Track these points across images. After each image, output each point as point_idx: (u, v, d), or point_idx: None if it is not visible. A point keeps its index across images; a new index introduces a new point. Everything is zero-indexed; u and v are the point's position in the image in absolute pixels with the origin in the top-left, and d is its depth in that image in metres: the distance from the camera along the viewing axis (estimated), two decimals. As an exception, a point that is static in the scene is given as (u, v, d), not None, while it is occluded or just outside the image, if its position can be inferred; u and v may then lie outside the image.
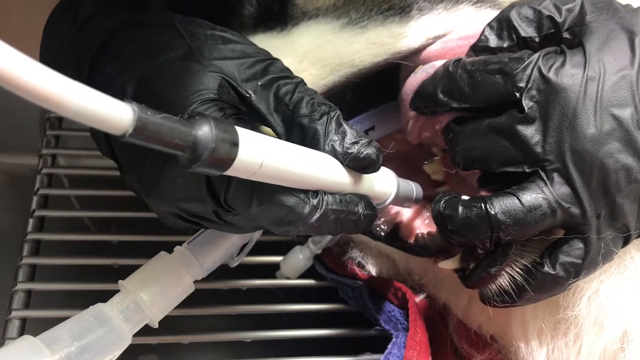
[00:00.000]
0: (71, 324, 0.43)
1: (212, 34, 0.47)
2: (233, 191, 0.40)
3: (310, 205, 0.42)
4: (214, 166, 0.33)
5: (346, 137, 0.44)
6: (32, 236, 0.70)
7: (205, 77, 0.44)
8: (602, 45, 0.45)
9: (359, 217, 0.45)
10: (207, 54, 0.45)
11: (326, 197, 0.43)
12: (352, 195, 0.46)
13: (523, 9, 0.49)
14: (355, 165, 0.44)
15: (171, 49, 0.46)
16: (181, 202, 0.43)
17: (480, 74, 0.47)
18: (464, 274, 0.50)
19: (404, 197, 0.52)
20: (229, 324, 0.69)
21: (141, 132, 0.28)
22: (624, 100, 0.43)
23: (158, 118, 0.29)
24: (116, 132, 0.27)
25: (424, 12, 0.55)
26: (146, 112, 0.28)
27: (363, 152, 0.44)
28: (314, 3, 0.57)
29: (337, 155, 0.44)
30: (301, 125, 0.44)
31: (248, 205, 0.40)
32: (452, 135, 0.50)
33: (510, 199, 0.44)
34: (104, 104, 0.26)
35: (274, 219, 0.42)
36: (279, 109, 0.45)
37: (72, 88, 0.25)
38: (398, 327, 0.63)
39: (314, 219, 0.42)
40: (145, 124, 0.28)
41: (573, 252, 0.45)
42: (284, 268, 0.69)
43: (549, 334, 0.53)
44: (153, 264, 0.48)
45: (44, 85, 0.24)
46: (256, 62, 0.46)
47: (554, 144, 0.44)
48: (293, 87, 0.45)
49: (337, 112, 0.45)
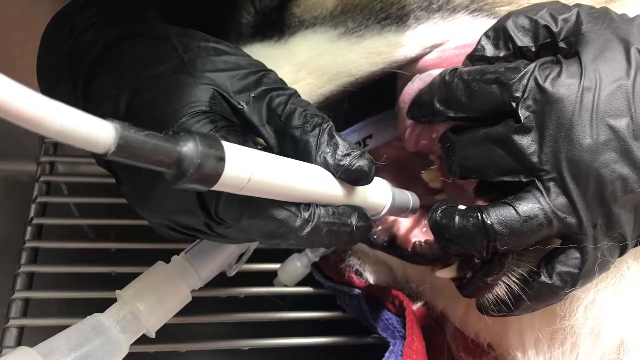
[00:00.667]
0: (68, 335, 0.43)
1: (205, 46, 0.47)
2: (223, 204, 0.40)
3: (301, 218, 0.42)
4: (200, 182, 0.33)
5: (338, 149, 0.44)
6: (30, 244, 0.70)
7: (197, 90, 0.44)
8: (598, 55, 0.45)
9: (353, 229, 0.45)
10: (199, 66, 0.45)
11: (318, 209, 0.43)
12: (345, 207, 0.45)
13: (519, 19, 0.49)
14: (347, 177, 0.44)
15: (164, 61, 0.46)
16: (173, 214, 0.43)
17: (477, 84, 0.47)
18: (460, 283, 0.50)
19: (400, 208, 0.52)
20: (227, 331, 0.69)
21: (124, 150, 0.28)
22: (620, 110, 0.43)
23: (141, 135, 0.29)
24: (99, 150, 0.27)
25: (421, 21, 0.55)
26: (129, 130, 0.28)
27: (355, 164, 0.44)
28: (311, 12, 0.57)
29: (329, 168, 0.44)
30: (293, 136, 0.44)
31: (238, 219, 0.40)
32: (449, 144, 0.50)
33: (506, 209, 0.44)
34: (85, 124, 0.26)
35: (265, 232, 0.42)
36: (272, 121, 0.45)
37: (53, 109, 0.25)
38: (395, 335, 0.63)
39: (306, 232, 0.42)
40: (128, 142, 0.28)
41: (570, 262, 0.45)
42: (281, 276, 0.69)
43: (545, 344, 0.53)
44: (150, 274, 0.48)
45: (25, 107, 0.24)
46: (249, 73, 0.46)
47: (550, 154, 0.44)
48: (286, 98, 0.45)
49: (329, 123, 0.45)
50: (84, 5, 0.50)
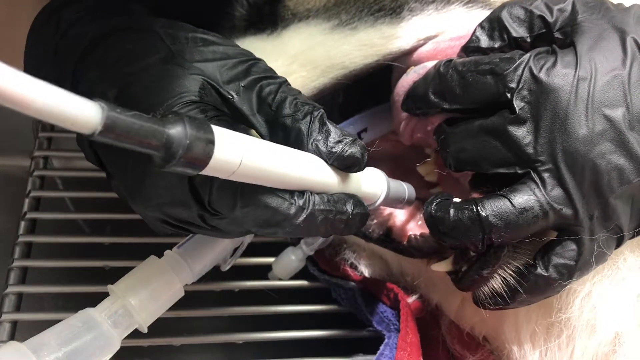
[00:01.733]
0: (59, 329, 0.42)
1: (193, 37, 0.47)
2: (216, 193, 0.39)
3: (296, 205, 0.41)
4: (189, 165, 0.32)
5: (330, 136, 0.43)
6: (24, 238, 0.70)
7: (187, 80, 0.43)
8: (593, 45, 0.44)
9: (349, 216, 0.45)
10: (188, 57, 0.45)
11: (313, 197, 0.42)
12: (340, 195, 0.45)
13: (514, 9, 0.49)
14: (339, 164, 0.44)
15: (152, 53, 0.45)
16: (166, 207, 0.43)
17: (471, 75, 0.47)
18: (456, 276, 0.50)
19: (395, 199, 0.52)
20: (222, 325, 0.69)
21: (111, 131, 0.28)
22: (616, 100, 0.43)
23: (128, 116, 0.28)
24: (85, 130, 0.27)
25: (415, 13, 0.54)
26: (115, 110, 0.28)
27: (347, 150, 0.43)
28: (304, 4, 0.56)
29: (322, 155, 0.43)
30: (284, 125, 0.44)
31: (232, 208, 0.40)
32: (444, 136, 0.49)
33: (501, 201, 0.43)
34: (71, 103, 0.26)
35: (259, 221, 0.41)
36: (262, 110, 0.44)
37: (37, 87, 0.25)
38: (390, 327, 0.63)
39: (301, 219, 0.42)
40: (115, 122, 0.28)
41: (566, 254, 0.45)
42: (276, 269, 0.69)
43: (541, 337, 0.53)
44: (142, 269, 0.47)
45: (8, 84, 0.24)
46: (238, 63, 0.46)
47: (545, 145, 0.43)
48: (276, 87, 0.45)
49: (320, 111, 0.44)
50: (70, 1, 0.50)
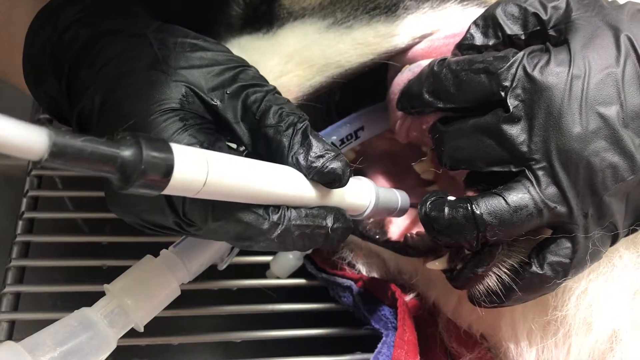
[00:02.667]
0: (54, 329, 0.43)
1: (181, 42, 0.46)
2: (189, 205, 0.39)
3: (269, 221, 0.41)
4: (148, 187, 0.32)
5: (311, 150, 0.43)
6: (21, 238, 0.70)
7: (168, 87, 0.43)
8: (587, 43, 0.44)
9: (328, 231, 0.44)
10: (172, 63, 0.45)
11: (289, 212, 0.42)
12: (320, 209, 0.44)
13: (509, 7, 0.48)
14: (320, 179, 0.43)
15: (139, 58, 0.45)
16: (143, 214, 0.43)
17: (465, 74, 0.47)
18: (451, 274, 0.50)
19: (386, 208, 0.51)
20: (219, 324, 0.69)
21: (59, 157, 0.27)
22: (610, 98, 0.43)
23: (78, 141, 0.28)
24: (32, 157, 0.27)
25: (410, 11, 0.54)
26: (63, 136, 0.27)
27: (328, 166, 0.43)
28: (300, 3, 0.56)
29: (301, 169, 0.43)
30: (266, 136, 0.43)
31: (204, 220, 0.40)
32: (438, 135, 0.49)
33: (496, 199, 0.43)
34: (17, 131, 0.26)
35: (232, 235, 0.41)
36: (246, 118, 0.44)
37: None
38: (388, 326, 0.63)
39: (275, 234, 0.41)
40: (63, 148, 0.27)
41: (561, 252, 0.45)
42: (274, 267, 0.69)
43: (538, 335, 0.53)
44: (138, 268, 0.48)
45: None
46: (226, 69, 0.45)
47: (539, 143, 0.43)
48: (262, 95, 0.44)
49: (305, 123, 0.44)
50: (68, 2, 0.50)
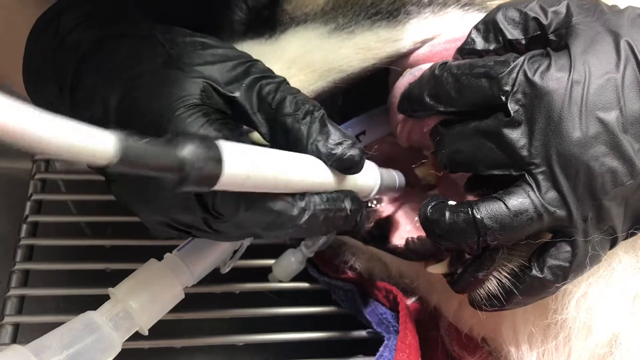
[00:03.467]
0: (60, 332, 0.43)
1: (191, 41, 0.47)
2: (220, 198, 0.40)
3: (298, 207, 0.42)
4: (200, 185, 0.33)
5: (330, 138, 0.44)
6: (25, 241, 0.70)
7: (187, 83, 0.44)
8: (587, 48, 0.45)
9: (347, 212, 0.46)
10: (187, 60, 0.45)
11: (313, 198, 0.43)
12: (338, 193, 0.46)
13: (509, 11, 0.49)
14: (338, 166, 0.45)
15: (151, 58, 0.46)
16: (171, 210, 0.43)
17: (466, 78, 0.47)
18: (452, 278, 0.50)
19: (388, 187, 0.53)
20: (222, 327, 0.69)
21: (126, 161, 0.28)
22: (610, 103, 0.43)
23: (142, 144, 0.29)
24: (101, 162, 0.27)
25: (412, 16, 0.55)
26: (129, 140, 0.28)
27: (347, 153, 0.44)
28: (302, 8, 0.57)
29: (321, 156, 0.44)
30: (285, 125, 0.44)
31: (235, 211, 0.40)
32: (439, 137, 0.50)
33: (496, 203, 0.44)
34: (85, 138, 0.26)
35: (262, 224, 0.42)
36: (262, 109, 0.45)
37: (52, 126, 0.25)
38: (390, 329, 0.63)
39: (303, 220, 0.43)
40: (130, 152, 0.28)
41: (560, 255, 0.45)
42: (276, 271, 0.69)
43: (539, 338, 0.53)
44: (143, 272, 0.48)
45: (25, 127, 0.23)
46: (238, 64, 0.46)
47: (540, 148, 0.44)
48: (275, 86, 0.46)
49: (321, 111, 0.45)
50: (69, 7, 0.50)
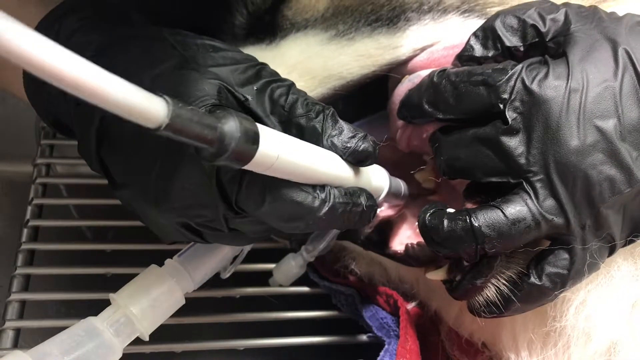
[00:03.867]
0: (61, 339, 0.43)
1: (202, 43, 0.48)
2: (245, 191, 0.41)
3: (319, 199, 0.43)
4: (235, 160, 0.33)
5: (343, 132, 0.45)
6: (26, 246, 0.71)
7: (205, 84, 0.44)
8: (585, 56, 0.45)
9: (363, 208, 0.47)
10: (202, 62, 0.46)
11: (333, 190, 0.44)
12: (355, 188, 0.47)
13: (508, 18, 0.49)
14: (354, 159, 0.46)
15: (165, 59, 0.46)
16: (190, 209, 0.44)
17: (464, 85, 0.47)
18: (450, 285, 0.50)
19: (395, 193, 0.54)
20: (223, 332, 0.69)
21: (173, 126, 0.28)
22: (607, 111, 0.43)
23: (190, 113, 0.29)
24: (151, 125, 0.28)
25: (412, 23, 0.55)
26: (178, 106, 0.28)
27: (361, 145, 0.46)
28: (302, 14, 0.57)
29: (337, 150, 0.45)
30: (299, 124, 0.45)
31: (260, 204, 0.41)
32: (438, 144, 0.50)
33: (494, 212, 0.44)
34: (141, 97, 0.27)
35: (285, 216, 0.43)
36: (275, 111, 0.46)
37: (111, 81, 0.26)
38: (390, 334, 0.64)
39: (324, 212, 0.43)
40: (178, 117, 0.28)
41: (559, 263, 0.45)
42: (276, 275, 0.70)
43: (538, 345, 0.53)
44: (143, 277, 0.48)
45: (85, 78, 0.24)
46: (248, 67, 0.47)
47: (537, 156, 0.44)
48: (286, 89, 0.46)
49: (331, 109, 0.46)
50: (70, 11, 0.50)
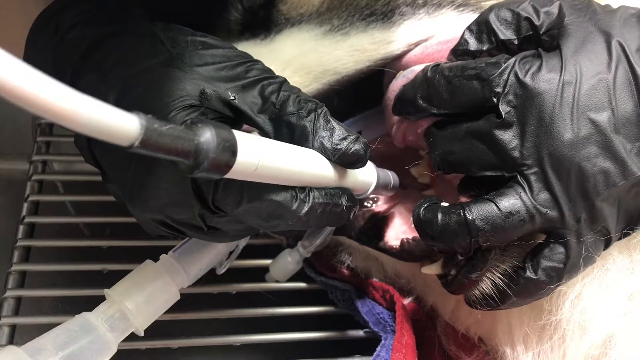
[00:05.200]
0: (56, 334, 0.43)
1: (192, 40, 0.47)
2: (222, 191, 0.40)
3: (298, 199, 0.43)
4: (214, 171, 0.33)
5: (334, 134, 0.45)
6: (22, 242, 0.71)
7: (187, 83, 0.44)
8: (578, 49, 0.45)
9: (343, 209, 0.46)
10: (188, 60, 0.46)
11: (313, 191, 0.44)
12: (336, 189, 0.46)
13: (502, 12, 0.49)
14: (343, 162, 0.45)
15: (152, 56, 0.46)
16: (167, 208, 0.44)
17: (458, 80, 0.47)
18: (446, 280, 0.50)
19: (383, 186, 0.53)
20: (219, 327, 0.69)
21: (147, 144, 0.28)
22: (601, 104, 0.43)
23: (163, 128, 0.29)
24: (123, 143, 0.28)
25: (406, 17, 0.55)
26: (152, 124, 0.29)
27: (352, 148, 0.45)
28: (297, 9, 0.57)
29: (326, 151, 0.44)
30: (289, 123, 0.45)
31: (237, 204, 0.41)
32: (432, 139, 0.50)
33: (488, 205, 0.44)
34: (112, 117, 0.27)
35: (263, 215, 0.42)
36: (266, 108, 0.45)
37: (80, 101, 0.26)
38: (387, 329, 0.64)
39: (303, 212, 0.43)
40: (151, 133, 0.28)
41: (554, 257, 0.45)
42: (273, 271, 0.70)
43: (534, 339, 0.53)
44: (138, 273, 0.48)
45: (53, 100, 0.24)
46: (237, 64, 0.47)
47: (531, 149, 0.44)
48: (278, 86, 0.46)
49: (324, 108, 0.46)
50: (69, 5, 0.51)
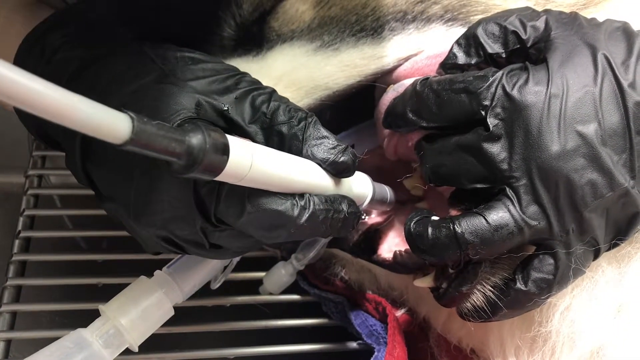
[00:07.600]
0: (50, 351, 0.43)
1: (181, 56, 0.48)
2: (224, 202, 0.41)
3: (298, 206, 0.43)
4: (206, 171, 0.34)
5: (325, 142, 0.46)
6: (18, 257, 0.71)
7: (182, 97, 0.44)
8: (565, 62, 0.45)
9: (345, 214, 0.47)
10: (180, 75, 0.46)
11: (312, 197, 0.44)
12: (336, 195, 0.47)
13: (489, 25, 0.49)
14: (333, 169, 0.46)
15: (145, 74, 0.46)
16: (169, 223, 0.44)
17: (446, 93, 0.48)
18: (437, 293, 0.50)
19: (380, 200, 0.54)
20: (213, 340, 0.69)
21: (138, 141, 0.29)
22: (588, 116, 0.44)
23: (154, 126, 0.30)
24: (115, 141, 0.28)
25: (396, 32, 0.55)
26: (143, 121, 0.29)
27: (340, 157, 0.46)
28: (289, 25, 0.57)
29: (316, 160, 0.45)
30: (280, 132, 0.45)
31: (240, 214, 0.41)
32: (423, 152, 0.50)
33: (477, 218, 0.44)
34: (104, 115, 0.27)
35: (266, 225, 0.43)
36: (257, 119, 0.46)
37: (73, 100, 0.26)
38: (380, 341, 0.64)
39: (304, 219, 0.43)
40: (143, 132, 0.29)
41: (544, 268, 0.45)
42: (267, 284, 0.70)
43: (525, 351, 0.53)
44: (133, 289, 0.48)
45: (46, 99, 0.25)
46: (227, 77, 0.47)
47: (520, 162, 0.44)
48: (268, 96, 0.47)
49: (314, 117, 0.46)
50: (53, 27, 0.51)
